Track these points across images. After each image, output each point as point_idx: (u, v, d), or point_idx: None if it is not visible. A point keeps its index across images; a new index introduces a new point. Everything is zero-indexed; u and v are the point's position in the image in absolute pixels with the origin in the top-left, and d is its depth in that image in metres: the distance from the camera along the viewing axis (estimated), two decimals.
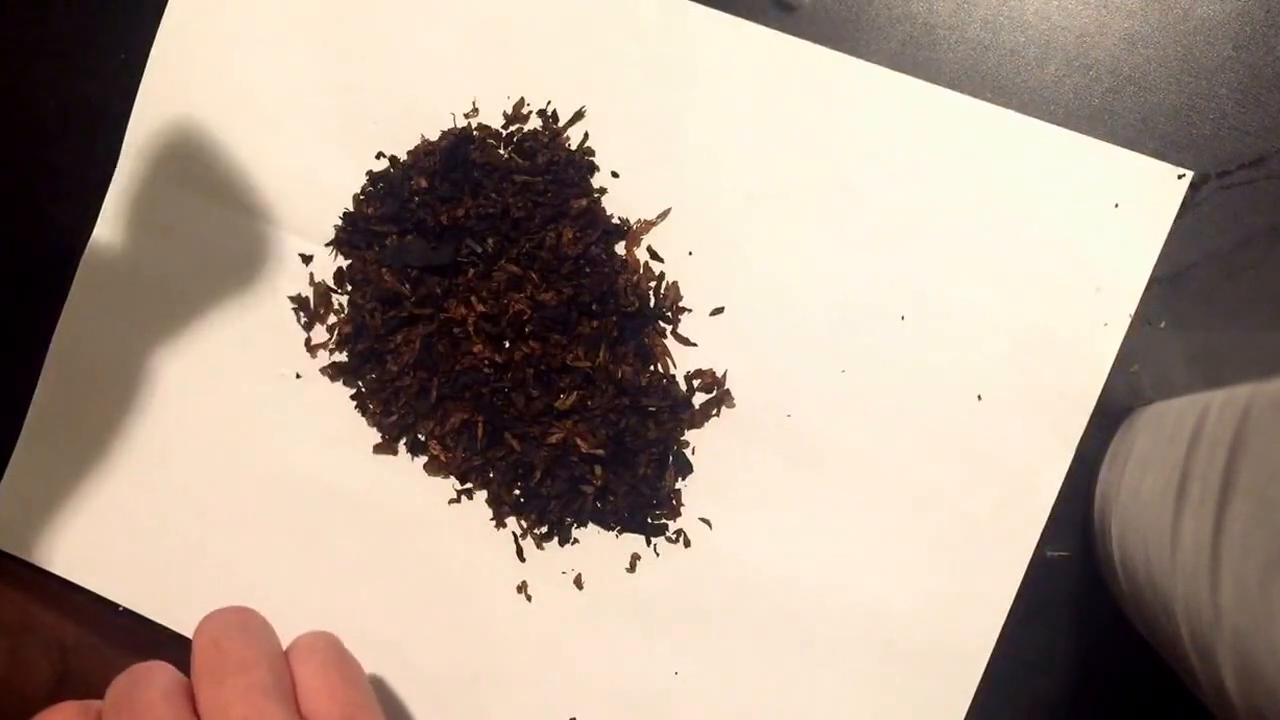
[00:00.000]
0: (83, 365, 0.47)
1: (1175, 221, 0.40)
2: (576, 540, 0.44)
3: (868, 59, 0.42)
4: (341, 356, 0.45)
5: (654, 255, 0.44)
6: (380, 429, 0.45)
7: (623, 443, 0.42)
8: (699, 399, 0.43)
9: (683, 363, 0.43)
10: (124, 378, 0.46)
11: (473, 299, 0.42)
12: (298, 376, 0.45)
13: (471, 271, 0.43)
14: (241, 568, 0.45)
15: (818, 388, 0.42)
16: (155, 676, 0.30)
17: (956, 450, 0.41)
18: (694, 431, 0.43)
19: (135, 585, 0.46)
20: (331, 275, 0.45)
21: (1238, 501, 0.25)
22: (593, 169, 0.44)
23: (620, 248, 0.44)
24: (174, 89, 0.46)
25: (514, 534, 0.44)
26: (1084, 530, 0.40)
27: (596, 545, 0.44)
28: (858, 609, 0.42)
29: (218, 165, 0.46)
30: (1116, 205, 0.40)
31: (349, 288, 0.45)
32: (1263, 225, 0.40)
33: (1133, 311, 0.40)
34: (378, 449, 0.45)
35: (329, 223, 0.45)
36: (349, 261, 0.45)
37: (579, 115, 0.44)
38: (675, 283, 0.43)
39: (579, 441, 0.42)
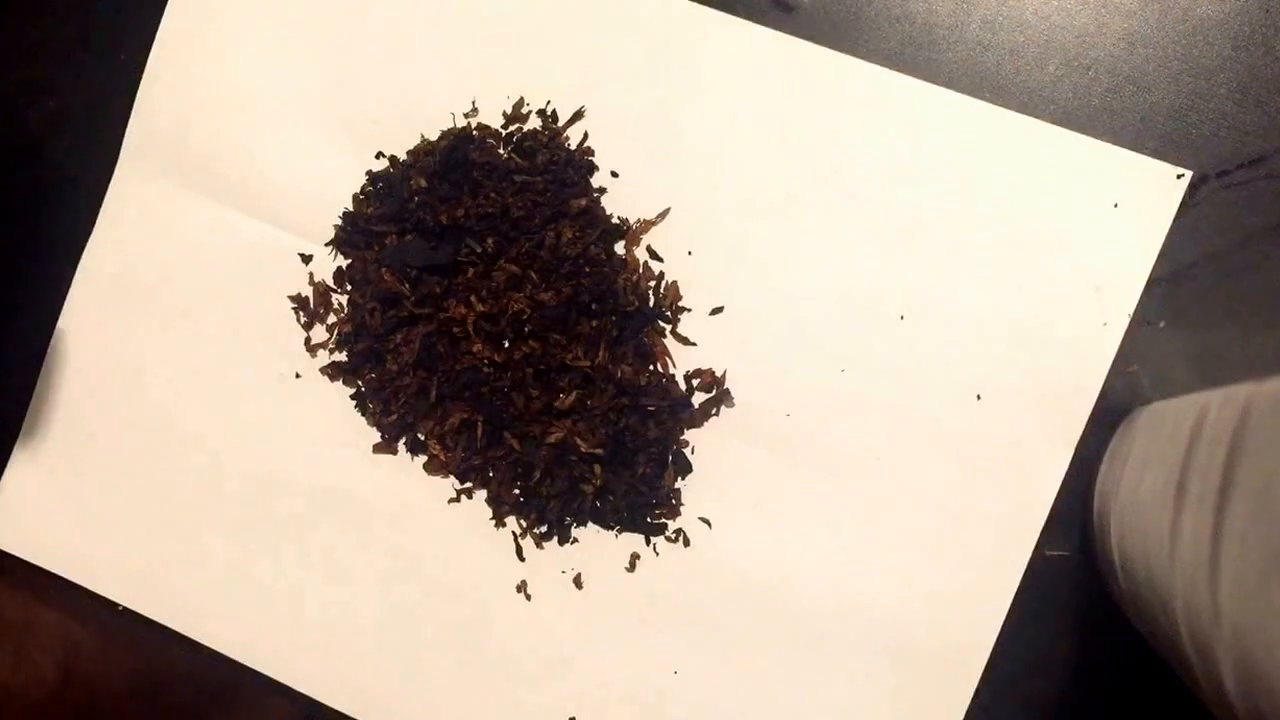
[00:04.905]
0: (83, 365, 0.47)
1: (1174, 221, 0.40)
2: (576, 540, 0.44)
3: (867, 59, 0.42)
4: (341, 356, 0.45)
5: (653, 255, 0.44)
6: (380, 429, 0.45)
7: (622, 442, 0.42)
8: (699, 399, 0.43)
9: (682, 362, 0.43)
10: (124, 377, 0.46)
11: (472, 299, 0.43)
12: (298, 376, 0.45)
13: (471, 271, 0.43)
14: (241, 567, 0.45)
15: (817, 387, 0.42)
16: None
17: (956, 450, 0.41)
18: (694, 431, 0.43)
19: (135, 585, 0.46)
20: (331, 275, 0.45)
21: (1237, 501, 0.25)
22: (592, 169, 0.44)
23: (620, 247, 0.44)
24: (174, 89, 0.46)
25: (514, 533, 0.44)
26: (1083, 530, 0.40)
27: (596, 545, 0.44)
28: (857, 608, 0.42)
29: (217, 165, 0.46)
30: (1116, 205, 0.40)
31: (349, 287, 0.45)
32: (1262, 225, 0.40)
33: (1132, 311, 0.40)
34: (378, 449, 0.45)
35: (329, 223, 0.45)
36: (349, 261, 0.45)
37: (579, 115, 0.44)
38: (675, 282, 0.43)
39: (578, 441, 0.42)
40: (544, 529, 0.44)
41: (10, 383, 0.47)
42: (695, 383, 0.43)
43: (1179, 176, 0.40)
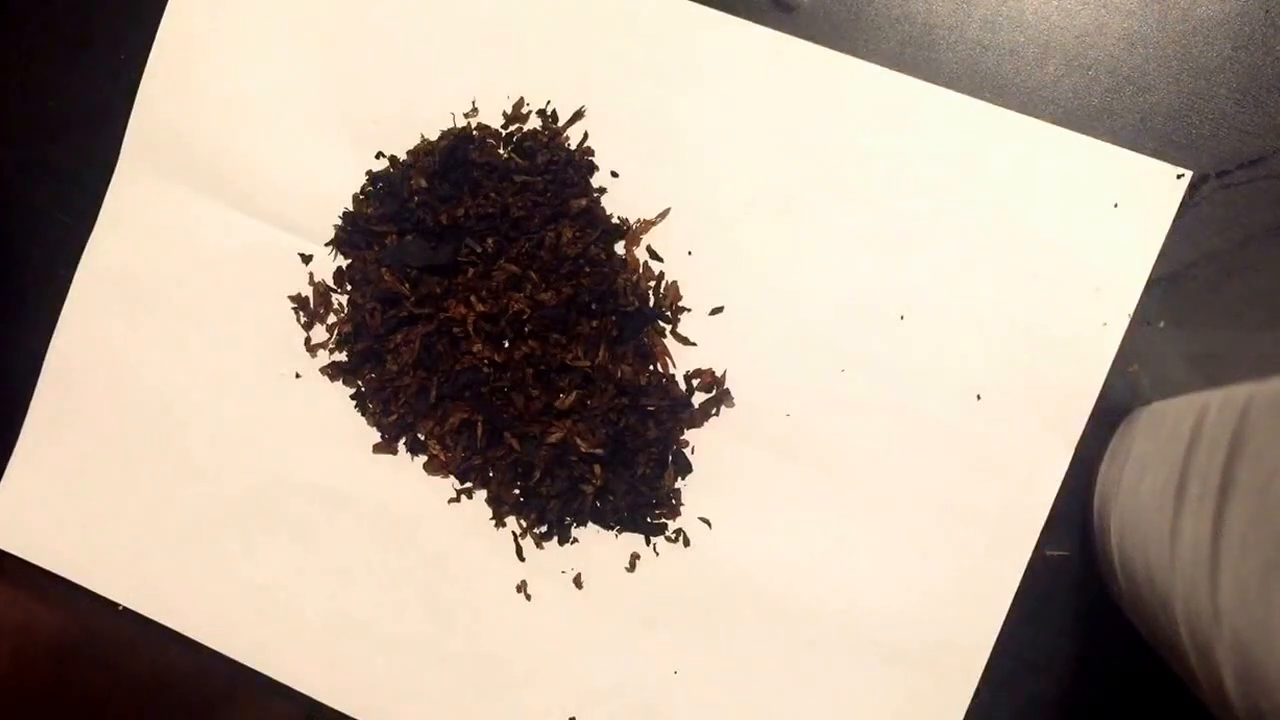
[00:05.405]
0: (83, 365, 0.47)
1: (1174, 221, 0.40)
2: (576, 540, 0.44)
3: (867, 59, 0.42)
4: (341, 356, 0.45)
5: (654, 255, 0.44)
6: (380, 429, 0.45)
7: (622, 442, 0.42)
8: (699, 398, 0.43)
9: (682, 362, 0.43)
10: (124, 378, 0.46)
11: (472, 299, 0.43)
12: (298, 376, 0.45)
13: (471, 271, 0.43)
14: (241, 567, 0.45)
15: (817, 387, 0.42)
16: None
17: (956, 450, 0.41)
18: (694, 431, 0.43)
19: (135, 585, 0.46)
20: (331, 275, 0.45)
21: (1237, 501, 0.25)
22: (592, 169, 0.44)
23: (620, 247, 0.44)
24: (174, 89, 0.46)
25: (514, 533, 0.44)
26: (1083, 530, 0.40)
27: (596, 545, 0.44)
28: (857, 608, 0.42)
29: (217, 165, 0.46)
30: (1116, 205, 0.40)
31: (349, 287, 0.45)
32: (1262, 225, 0.40)
33: (1132, 311, 0.40)
34: (377, 449, 0.45)
35: (329, 223, 0.45)
36: (349, 261, 0.45)
37: (579, 115, 0.44)
38: (675, 282, 0.43)
39: (578, 441, 0.42)
40: (544, 529, 0.44)
41: (10, 382, 0.47)
42: (695, 383, 0.43)
43: (1179, 176, 0.40)
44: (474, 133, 0.44)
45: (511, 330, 0.42)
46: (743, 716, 0.42)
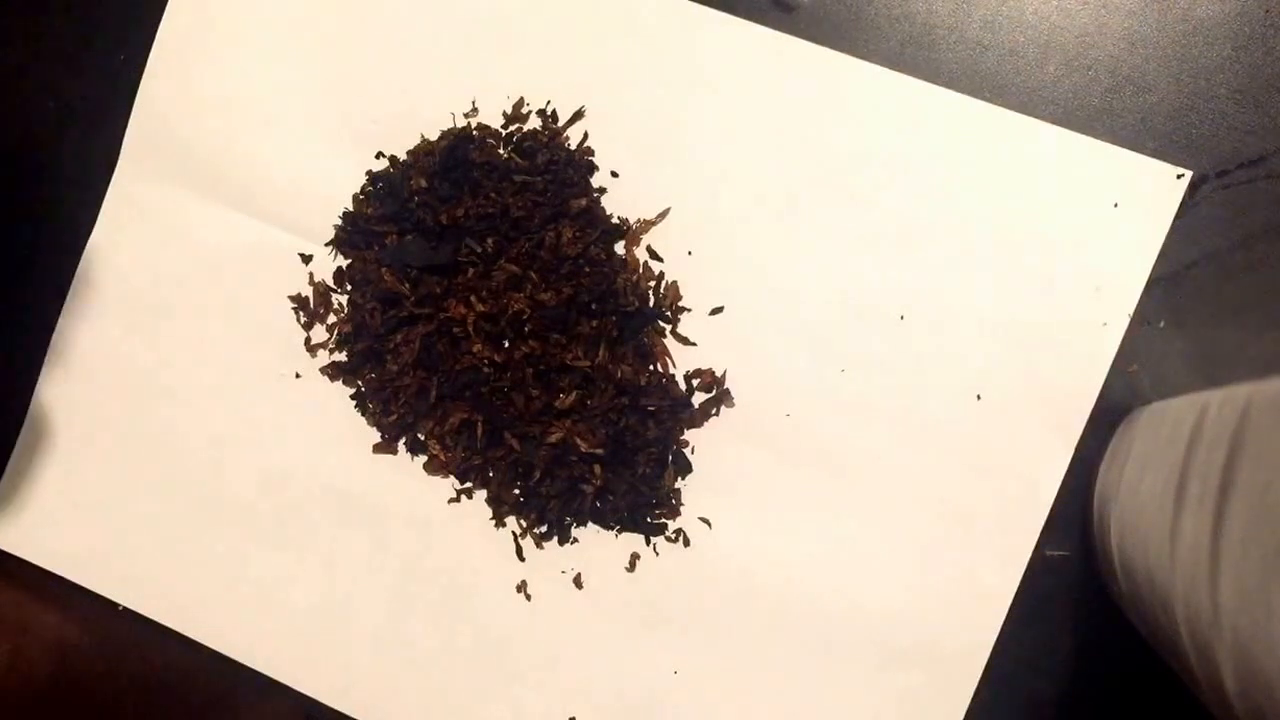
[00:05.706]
0: (83, 365, 0.47)
1: (1174, 221, 0.40)
2: (576, 540, 0.44)
3: (867, 59, 0.42)
4: (341, 356, 0.45)
5: (654, 255, 0.44)
6: (380, 428, 0.45)
7: (622, 442, 0.42)
8: (699, 398, 0.43)
9: (682, 362, 0.43)
10: (123, 377, 0.46)
11: (472, 299, 0.43)
12: (298, 376, 0.45)
13: (471, 271, 0.43)
14: (241, 567, 0.45)
15: (817, 387, 0.42)
16: None
17: (956, 450, 0.41)
18: (694, 431, 0.43)
19: (135, 585, 0.46)
20: (331, 275, 0.45)
21: (1237, 501, 0.25)
22: (592, 169, 0.44)
23: (620, 247, 0.44)
24: (174, 89, 0.46)
25: (514, 533, 0.44)
26: (1083, 530, 0.40)
27: (596, 545, 0.44)
28: (857, 608, 0.42)
29: (217, 165, 0.46)
30: (1116, 205, 0.40)
31: (349, 287, 0.45)
32: (1262, 225, 0.40)
33: (1132, 311, 0.40)
34: (377, 449, 0.45)
35: (329, 223, 0.45)
36: (349, 261, 0.45)
37: (579, 115, 0.44)
38: (675, 282, 0.43)
39: (578, 441, 0.42)
40: (544, 529, 0.44)
41: (11, 382, 0.47)
42: (695, 383, 0.43)
43: (1179, 176, 0.40)
44: (474, 133, 0.44)
45: (511, 330, 0.42)
46: (742, 716, 0.42)
